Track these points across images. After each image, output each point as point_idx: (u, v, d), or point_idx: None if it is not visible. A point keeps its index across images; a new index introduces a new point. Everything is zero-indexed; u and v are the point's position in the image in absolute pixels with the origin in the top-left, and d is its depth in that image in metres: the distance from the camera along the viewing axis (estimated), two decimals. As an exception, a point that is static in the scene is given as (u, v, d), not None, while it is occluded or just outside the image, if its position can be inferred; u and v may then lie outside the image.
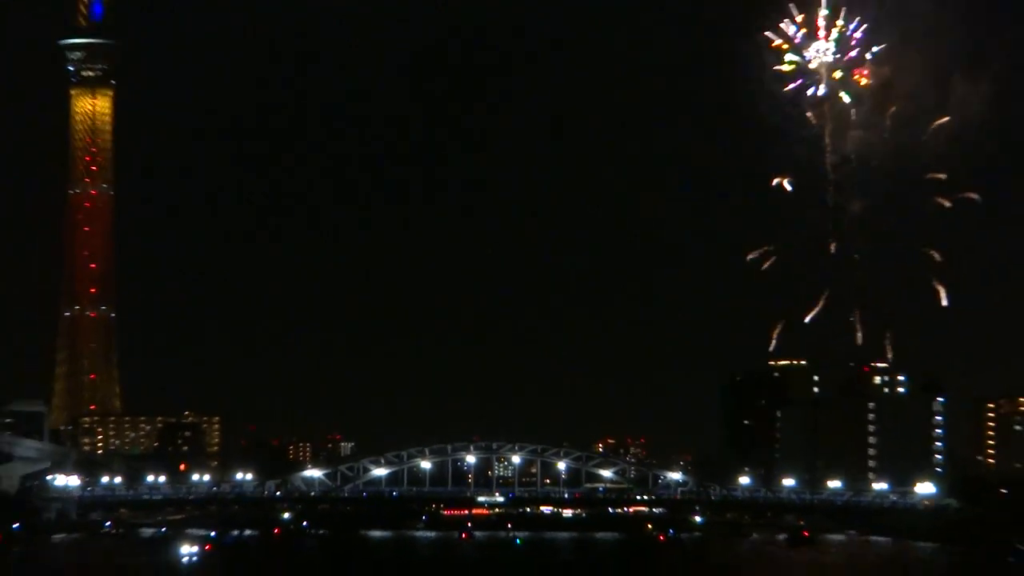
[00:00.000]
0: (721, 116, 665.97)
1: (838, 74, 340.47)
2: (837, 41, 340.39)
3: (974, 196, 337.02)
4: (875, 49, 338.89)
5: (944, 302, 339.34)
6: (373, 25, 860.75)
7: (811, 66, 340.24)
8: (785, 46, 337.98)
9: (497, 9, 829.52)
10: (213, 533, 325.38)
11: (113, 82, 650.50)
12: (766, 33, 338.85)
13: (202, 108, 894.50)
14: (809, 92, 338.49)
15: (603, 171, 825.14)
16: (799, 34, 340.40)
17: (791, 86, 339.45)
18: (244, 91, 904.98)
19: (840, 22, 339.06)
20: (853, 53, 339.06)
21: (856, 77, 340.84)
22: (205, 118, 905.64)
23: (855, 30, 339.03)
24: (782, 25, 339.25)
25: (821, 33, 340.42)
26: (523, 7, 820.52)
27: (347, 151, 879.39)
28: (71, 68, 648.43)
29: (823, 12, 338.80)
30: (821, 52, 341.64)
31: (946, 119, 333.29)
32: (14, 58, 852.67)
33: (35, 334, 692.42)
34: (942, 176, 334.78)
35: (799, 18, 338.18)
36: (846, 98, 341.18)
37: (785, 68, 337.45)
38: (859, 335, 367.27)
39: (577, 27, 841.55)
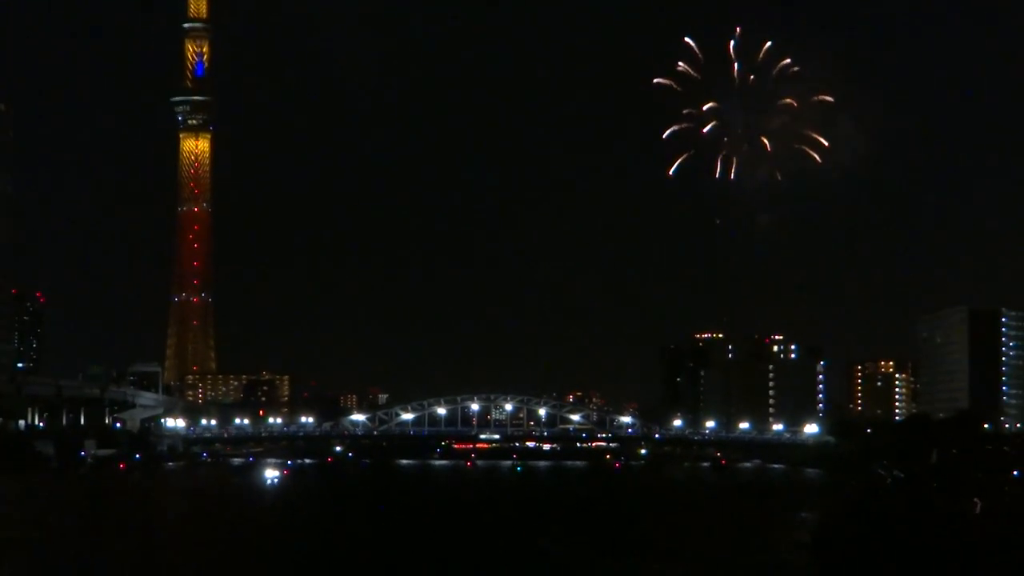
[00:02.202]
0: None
1: (746, 120, 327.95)
2: (745, 92, 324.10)
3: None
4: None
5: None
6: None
7: (717, 117, 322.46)
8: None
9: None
10: (290, 462, 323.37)
11: (212, 128, 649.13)
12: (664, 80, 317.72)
13: (277, 146, 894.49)
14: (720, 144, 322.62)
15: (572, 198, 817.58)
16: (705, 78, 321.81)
17: (680, 160, 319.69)
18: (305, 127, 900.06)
19: (752, 76, 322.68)
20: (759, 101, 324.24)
21: (762, 137, 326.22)
22: (280, 154, 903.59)
23: (762, 81, 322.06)
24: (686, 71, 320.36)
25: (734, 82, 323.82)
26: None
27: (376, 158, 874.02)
28: (180, 117, 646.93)
29: (736, 66, 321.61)
30: (732, 101, 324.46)
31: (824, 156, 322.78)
32: (138, 109, 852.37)
33: (152, 314, 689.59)
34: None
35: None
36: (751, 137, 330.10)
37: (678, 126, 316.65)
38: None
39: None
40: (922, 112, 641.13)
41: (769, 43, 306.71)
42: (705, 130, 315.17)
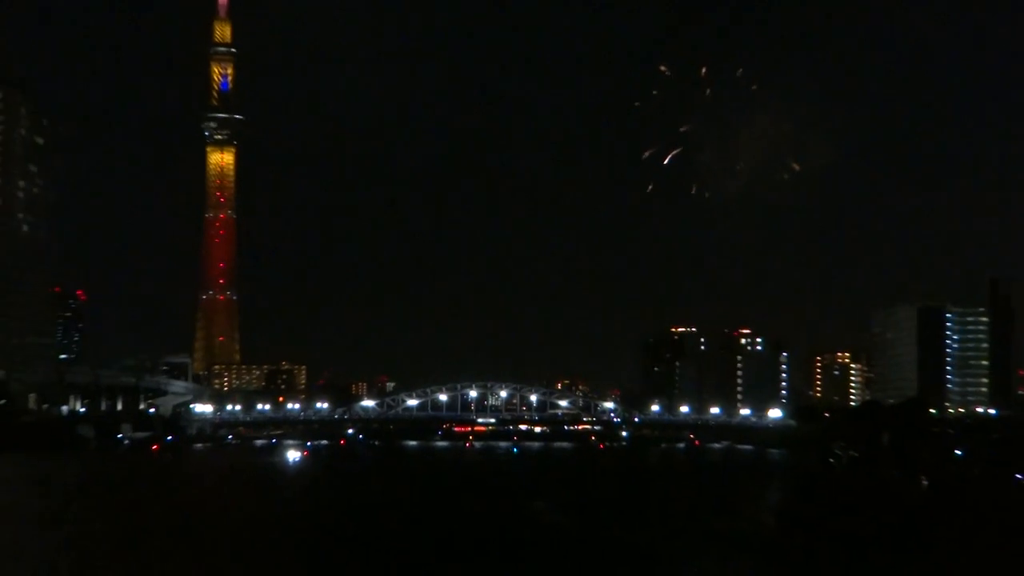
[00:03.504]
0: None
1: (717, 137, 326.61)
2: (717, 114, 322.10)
3: None
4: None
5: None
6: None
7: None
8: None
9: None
10: (309, 443, 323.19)
11: (235, 143, 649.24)
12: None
13: (295, 158, 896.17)
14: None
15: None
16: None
17: (652, 185, 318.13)
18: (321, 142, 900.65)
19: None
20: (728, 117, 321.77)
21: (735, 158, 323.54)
22: (297, 165, 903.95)
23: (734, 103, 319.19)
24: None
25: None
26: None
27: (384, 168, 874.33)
28: (207, 133, 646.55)
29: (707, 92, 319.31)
30: (705, 122, 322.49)
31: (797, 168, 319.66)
32: (168, 126, 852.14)
33: (182, 311, 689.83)
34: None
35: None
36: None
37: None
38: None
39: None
40: (879, 119, 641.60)
41: (741, 69, 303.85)
42: (670, 156, 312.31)
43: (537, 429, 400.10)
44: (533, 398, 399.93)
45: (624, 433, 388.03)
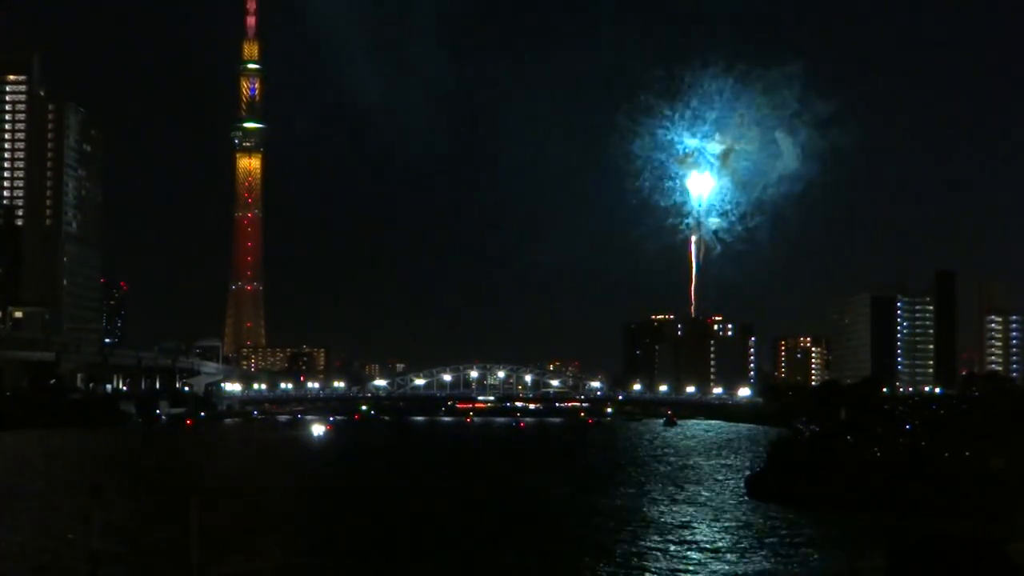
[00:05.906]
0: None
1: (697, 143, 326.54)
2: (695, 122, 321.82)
3: None
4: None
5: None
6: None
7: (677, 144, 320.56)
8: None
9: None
10: (332, 418, 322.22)
11: (262, 149, 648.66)
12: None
13: (314, 163, 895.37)
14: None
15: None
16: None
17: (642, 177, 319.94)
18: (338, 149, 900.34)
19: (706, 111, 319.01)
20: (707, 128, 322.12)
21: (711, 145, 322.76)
22: (316, 169, 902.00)
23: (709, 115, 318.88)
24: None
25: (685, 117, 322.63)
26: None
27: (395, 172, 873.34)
28: (236, 141, 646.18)
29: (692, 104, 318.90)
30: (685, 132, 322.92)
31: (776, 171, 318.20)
32: (201, 134, 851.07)
33: (214, 299, 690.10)
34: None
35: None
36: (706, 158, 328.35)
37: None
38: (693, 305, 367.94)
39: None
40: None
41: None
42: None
43: (531, 406, 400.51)
44: (527, 378, 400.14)
45: (609, 410, 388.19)
